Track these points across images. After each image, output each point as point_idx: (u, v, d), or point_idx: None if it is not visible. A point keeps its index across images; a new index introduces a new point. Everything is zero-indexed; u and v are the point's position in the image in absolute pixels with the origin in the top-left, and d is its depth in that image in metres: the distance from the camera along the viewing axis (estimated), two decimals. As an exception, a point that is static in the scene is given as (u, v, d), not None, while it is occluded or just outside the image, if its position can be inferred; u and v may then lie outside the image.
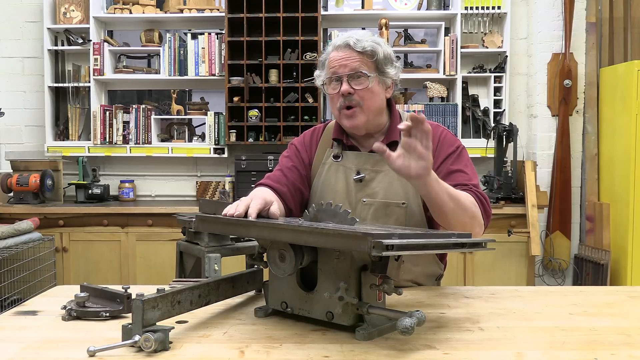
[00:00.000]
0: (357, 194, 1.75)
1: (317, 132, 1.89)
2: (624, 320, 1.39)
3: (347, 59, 1.69)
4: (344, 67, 1.69)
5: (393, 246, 1.11)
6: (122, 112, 4.47)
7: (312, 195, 1.81)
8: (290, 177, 1.79)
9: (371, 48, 1.69)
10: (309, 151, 1.85)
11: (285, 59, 4.25)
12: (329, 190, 1.77)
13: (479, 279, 3.95)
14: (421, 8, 4.46)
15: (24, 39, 4.59)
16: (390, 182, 1.72)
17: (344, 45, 1.71)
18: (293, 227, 1.22)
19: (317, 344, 1.20)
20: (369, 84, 1.69)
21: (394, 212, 1.72)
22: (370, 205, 1.73)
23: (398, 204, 1.72)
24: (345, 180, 1.77)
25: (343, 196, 1.76)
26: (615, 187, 3.99)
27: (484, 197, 1.66)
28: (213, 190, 4.60)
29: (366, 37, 1.72)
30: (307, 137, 1.89)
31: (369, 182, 1.75)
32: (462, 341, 1.22)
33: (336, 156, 1.80)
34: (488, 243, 1.40)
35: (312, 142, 1.87)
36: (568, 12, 4.17)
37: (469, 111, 4.41)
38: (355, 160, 1.77)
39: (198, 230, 1.44)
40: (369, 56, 1.69)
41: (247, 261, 1.48)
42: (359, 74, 1.68)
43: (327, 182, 1.78)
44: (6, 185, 4.22)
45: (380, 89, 1.73)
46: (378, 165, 1.74)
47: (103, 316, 1.37)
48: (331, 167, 1.79)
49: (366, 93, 1.69)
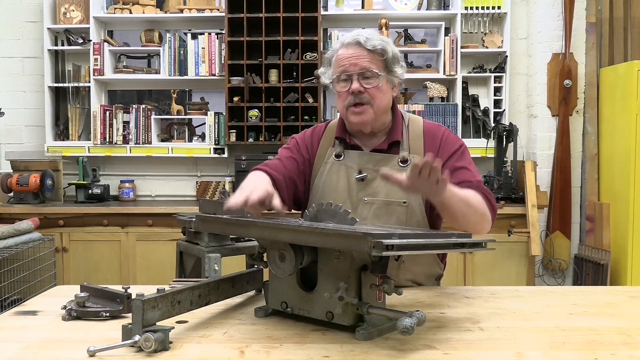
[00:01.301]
0: (359, 193, 1.75)
1: (318, 130, 1.89)
2: (624, 320, 1.39)
3: (358, 57, 1.69)
4: (355, 65, 1.69)
5: (393, 246, 1.11)
6: (122, 112, 4.47)
7: (314, 193, 1.81)
8: (288, 167, 1.79)
9: (381, 47, 1.69)
10: (309, 148, 1.85)
11: (285, 59, 4.25)
12: (331, 189, 1.77)
13: (479, 279, 3.95)
14: (421, 8, 4.46)
15: (24, 39, 4.59)
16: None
17: (354, 43, 1.70)
18: (293, 227, 1.22)
19: (317, 344, 1.20)
20: (379, 83, 1.69)
21: (395, 211, 1.72)
22: (372, 205, 1.74)
23: (399, 203, 1.72)
24: (347, 179, 1.77)
25: (345, 195, 1.76)
26: (615, 187, 3.99)
27: (489, 192, 1.69)
28: (213, 190, 4.60)
29: (375, 35, 1.73)
30: (309, 134, 1.89)
31: (371, 182, 1.75)
32: (462, 341, 1.22)
33: (338, 155, 1.79)
34: (488, 243, 1.40)
35: (313, 140, 1.86)
36: (568, 12, 4.17)
37: (469, 111, 4.41)
38: (358, 159, 1.77)
39: (198, 230, 1.44)
40: (379, 55, 1.70)
41: (247, 261, 1.48)
42: (369, 72, 1.69)
43: (329, 181, 1.78)
44: (6, 185, 4.21)
45: (388, 88, 1.74)
46: (380, 164, 1.74)
47: (103, 316, 1.37)
48: (333, 166, 1.79)
49: (376, 92, 1.70)
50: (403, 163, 1.74)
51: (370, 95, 1.69)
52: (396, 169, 1.70)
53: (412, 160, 1.63)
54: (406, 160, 1.73)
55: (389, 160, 1.75)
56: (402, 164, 1.73)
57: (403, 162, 1.74)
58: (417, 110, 4.29)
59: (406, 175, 1.38)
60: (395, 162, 1.75)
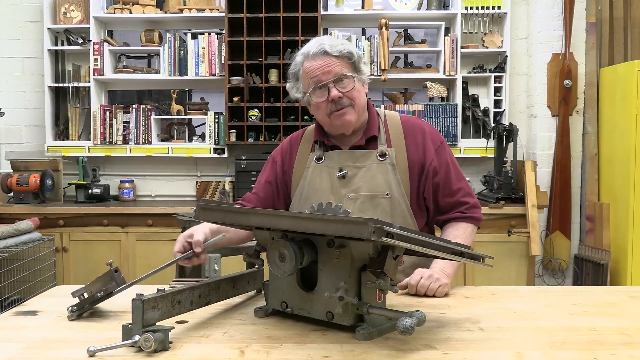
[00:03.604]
0: (342, 189, 1.79)
1: (295, 138, 1.94)
2: (624, 320, 1.39)
3: (328, 65, 1.72)
4: (327, 73, 1.72)
5: (393, 235, 1.11)
6: (122, 112, 4.47)
7: (298, 196, 1.84)
8: (264, 195, 1.88)
9: (347, 50, 1.74)
10: (287, 160, 1.90)
11: (285, 59, 4.25)
12: (314, 190, 1.81)
13: (479, 279, 3.95)
14: (421, 8, 4.46)
15: (24, 39, 4.59)
16: (373, 175, 1.78)
17: (320, 53, 1.73)
18: (294, 214, 1.23)
19: (317, 344, 1.20)
20: (354, 85, 1.74)
21: (379, 204, 1.76)
22: (356, 200, 1.77)
23: (383, 195, 1.77)
24: (330, 179, 1.81)
25: (328, 194, 1.79)
26: (615, 187, 3.99)
27: (477, 206, 1.85)
28: (213, 190, 4.60)
29: (335, 40, 1.77)
30: (286, 145, 1.94)
31: (352, 178, 1.79)
32: (462, 341, 1.22)
33: (319, 158, 1.84)
34: (486, 259, 1.40)
35: (291, 150, 1.91)
36: (568, 12, 4.17)
37: (469, 111, 4.41)
38: (337, 158, 1.82)
39: (198, 220, 1.44)
40: (347, 58, 1.74)
41: (245, 258, 1.48)
42: (343, 77, 1.73)
43: (312, 183, 1.82)
44: (6, 185, 4.21)
45: (362, 87, 1.79)
46: (359, 161, 1.80)
47: (99, 297, 1.37)
48: (315, 169, 1.83)
49: (353, 93, 1.75)
50: (381, 157, 1.79)
51: (349, 97, 1.74)
52: (375, 164, 1.78)
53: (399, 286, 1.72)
54: (384, 154, 1.79)
55: (368, 156, 1.80)
56: (381, 157, 1.79)
57: (381, 156, 1.79)
58: (417, 110, 4.29)
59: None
60: (374, 156, 1.79)
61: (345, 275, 1.24)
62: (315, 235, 1.27)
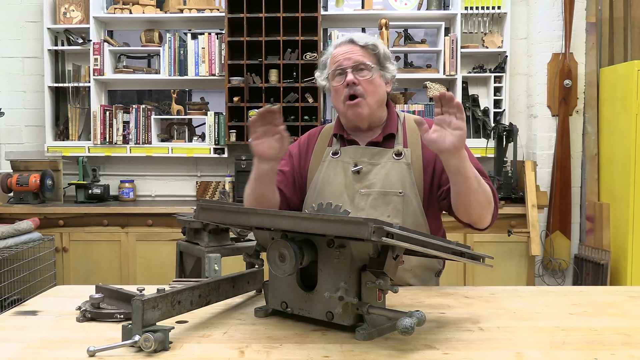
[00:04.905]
0: (355, 184, 1.80)
1: (313, 134, 1.96)
2: (624, 320, 1.39)
3: (351, 52, 1.79)
4: (348, 59, 1.78)
5: (393, 235, 1.11)
6: (122, 112, 4.47)
7: (312, 189, 1.85)
8: (287, 173, 1.87)
9: (373, 43, 1.80)
10: (304, 154, 1.91)
11: (285, 59, 4.25)
12: (328, 183, 1.82)
13: (479, 279, 3.95)
14: (421, 8, 4.46)
15: (24, 39, 4.59)
16: (387, 173, 1.78)
17: (346, 41, 1.81)
18: (294, 214, 1.23)
19: (317, 344, 1.20)
20: (372, 75, 1.77)
21: (391, 201, 1.76)
22: (368, 196, 1.78)
23: (395, 193, 1.77)
24: (344, 173, 1.82)
25: (342, 188, 1.80)
26: (615, 187, 3.99)
27: (494, 188, 1.74)
28: (213, 191, 4.60)
29: (367, 36, 1.84)
30: (304, 140, 1.95)
31: (367, 174, 1.80)
32: (462, 341, 1.22)
33: (335, 152, 1.85)
34: (486, 259, 1.40)
35: (308, 145, 1.93)
36: (568, 12, 4.17)
37: (469, 111, 4.41)
38: (353, 153, 1.83)
39: (198, 220, 1.44)
40: (371, 50, 1.79)
41: (245, 258, 1.48)
42: (362, 66, 1.77)
43: (326, 176, 1.83)
44: (6, 185, 4.21)
45: (382, 82, 1.81)
46: (375, 158, 1.80)
47: (117, 318, 1.36)
48: (330, 163, 1.85)
49: (369, 85, 1.77)
50: (397, 156, 1.79)
51: (364, 88, 1.76)
52: (391, 162, 1.78)
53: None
54: (401, 153, 1.79)
55: (384, 154, 1.80)
56: (397, 156, 1.79)
57: (398, 155, 1.79)
58: (417, 110, 4.29)
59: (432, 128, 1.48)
60: (390, 155, 1.80)
61: (345, 275, 1.24)
62: (315, 235, 1.27)
